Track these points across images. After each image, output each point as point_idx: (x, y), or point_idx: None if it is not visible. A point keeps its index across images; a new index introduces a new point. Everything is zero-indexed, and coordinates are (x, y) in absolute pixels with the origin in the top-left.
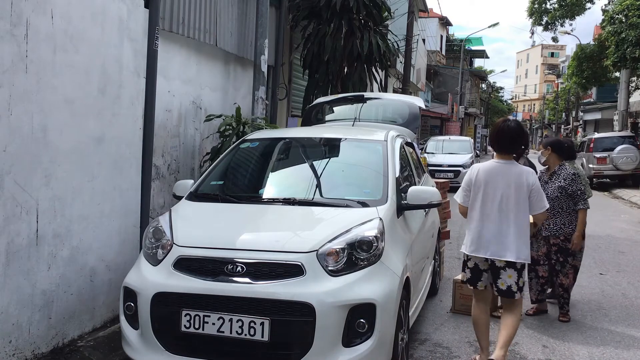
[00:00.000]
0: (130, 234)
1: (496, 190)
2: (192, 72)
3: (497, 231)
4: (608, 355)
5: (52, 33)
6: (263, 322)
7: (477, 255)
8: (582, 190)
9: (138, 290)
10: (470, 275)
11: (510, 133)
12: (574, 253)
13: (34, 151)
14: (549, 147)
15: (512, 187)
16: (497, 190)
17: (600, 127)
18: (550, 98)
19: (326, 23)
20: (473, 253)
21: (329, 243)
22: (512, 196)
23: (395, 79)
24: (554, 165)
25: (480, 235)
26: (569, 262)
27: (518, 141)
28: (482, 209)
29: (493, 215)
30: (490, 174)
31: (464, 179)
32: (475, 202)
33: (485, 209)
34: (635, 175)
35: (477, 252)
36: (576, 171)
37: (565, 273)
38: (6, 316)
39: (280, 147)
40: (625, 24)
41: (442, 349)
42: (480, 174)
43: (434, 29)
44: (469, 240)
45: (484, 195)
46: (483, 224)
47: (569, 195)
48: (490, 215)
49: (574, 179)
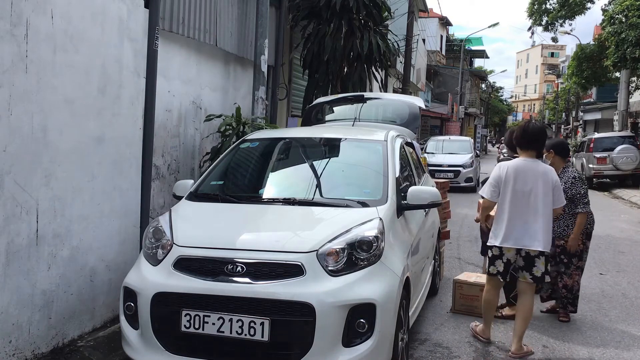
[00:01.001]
0: (130, 234)
1: (525, 185)
2: (192, 72)
3: (527, 223)
4: (608, 355)
5: (52, 33)
6: (263, 322)
7: (509, 247)
8: (582, 194)
9: (138, 290)
10: (503, 269)
11: (535, 132)
12: (580, 254)
13: (34, 151)
14: (551, 150)
15: (540, 183)
16: (527, 185)
17: (600, 127)
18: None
19: (326, 23)
20: (504, 244)
21: (329, 243)
22: (540, 191)
23: (395, 79)
24: (559, 167)
25: (512, 228)
26: (573, 264)
27: (541, 140)
28: (513, 203)
29: (523, 209)
30: (519, 171)
31: (492, 175)
32: (505, 197)
33: (515, 203)
34: (635, 175)
35: (508, 243)
36: (577, 174)
37: (569, 274)
38: (6, 316)
39: (280, 147)
40: (625, 24)
41: (442, 349)
42: (509, 170)
43: (434, 29)
44: (501, 233)
45: (513, 191)
46: (514, 217)
47: (569, 198)
48: (521, 209)
49: (574, 182)
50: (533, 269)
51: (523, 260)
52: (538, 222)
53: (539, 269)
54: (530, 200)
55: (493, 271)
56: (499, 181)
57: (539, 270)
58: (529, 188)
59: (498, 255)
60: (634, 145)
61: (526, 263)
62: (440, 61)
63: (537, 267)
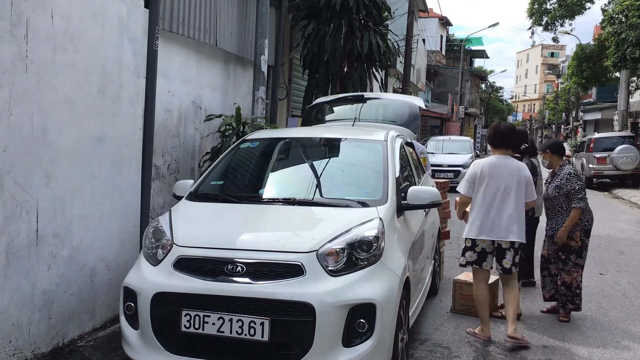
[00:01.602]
0: (130, 234)
1: (499, 181)
2: (192, 72)
3: (501, 217)
4: (608, 355)
5: (52, 33)
6: (263, 322)
7: (484, 239)
8: (577, 189)
9: (138, 290)
10: (477, 257)
11: (505, 131)
12: (578, 251)
13: (34, 151)
14: (547, 151)
15: (514, 178)
16: (500, 181)
17: (600, 127)
18: (550, 98)
19: (326, 23)
20: (479, 236)
21: (329, 243)
22: (513, 186)
23: (395, 79)
24: (556, 165)
25: (486, 220)
26: (571, 260)
27: (510, 138)
28: (488, 198)
29: (497, 202)
30: (494, 167)
31: (468, 172)
32: (479, 192)
33: (490, 197)
34: (635, 175)
35: (483, 235)
36: (572, 170)
37: (567, 270)
38: (6, 316)
39: (280, 147)
40: (625, 24)
41: (442, 349)
42: (484, 167)
43: (434, 29)
44: (475, 225)
45: (487, 186)
46: (489, 210)
47: (565, 194)
48: (495, 203)
49: (569, 178)
50: (503, 261)
51: (496, 251)
52: (512, 215)
53: (509, 260)
54: (503, 195)
55: (462, 262)
56: (475, 177)
57: (508, 262)
58: (503, 183)
59: (470, 247)
60: (634, 145)
61: (498, 254)
62: (440, 61)
63: (507, 259)
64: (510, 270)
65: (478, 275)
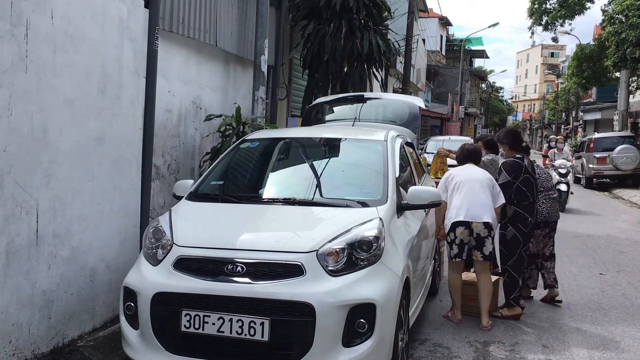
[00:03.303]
0: (130, 234)
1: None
2: (192, 72)
3: (475, 201)
4: (608, 355)
5: (52, 33)
6: (263, 322)
7: (462, 229)
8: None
9: (138, 290)
10: (458, 250)
11: (470, 151)
12: None
13: (34, 151)
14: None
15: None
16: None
17: (600, 127)
18: (550, 98)
19: (326, 23)
20: (457, 218)
21: (329, 243)
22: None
23: (395, 79)
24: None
25: (461, 206)
26: None
27: (475, 156)
28: (461, 191)
29: (470, 193)
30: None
31: (441, 182)
32: (454, 191)
33: (463, 190)
34: (635, 175)
35: (461, 217)
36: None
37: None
38: (6, 316)
39: (280, 147)
40: (626, 24)
41: (442, 349)
42: (454, 174)
43: (434, 29)
44: (453, 213)
45: (460, 185)
46: (462, 200)
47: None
48: (469, 194)
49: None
50: (483, 248)
51: (475, 240)
52: (484, 202)
53: (488, 248)
54: (475, 189)
55: (452, 255)
56: (447, 184)
57: (487, 249)
58: (472, 184)
59: (453, 239)
60: (634, 145)
61: (477, 243)
62: (440, 61)
63: (486, 247)
64: (490, 257)
65: (454, 266)
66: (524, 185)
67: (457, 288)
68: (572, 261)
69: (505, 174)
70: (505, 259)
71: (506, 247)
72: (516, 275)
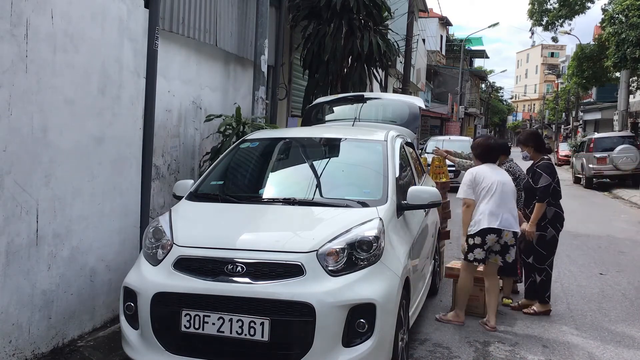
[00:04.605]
0: (130, 234)
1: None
2: (192, 72)
3: (507, 210)
4: (608, 355)
5: (52, 33)
6: (263, 322)
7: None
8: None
9: (138, 290)
10: (483, 256)
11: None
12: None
13: (34, 151)
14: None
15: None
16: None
17: (600, 127)
18: (550, 98)
19: (326, 23)
20: (490, 225)
21: (329, 243)
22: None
23: (395, 79)
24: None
25: (494, 213)
26: None
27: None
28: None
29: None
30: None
31: (465, 179)
32: (482, 193)
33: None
34: (635, 175)
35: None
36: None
37: None
38: (6, 316)
39: (280, 147)
40: (626, 24)
41: (442, 349)
42: (479, 173)
43: (434, 29)
44: (485, 219)
45: (489, 189)
46: (497, 207)
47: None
48: (500, 201)
49: None
50: (506, 255)
51: (501, 247)
52: (513, 209)
53: (511, 256)
54: (507, 195)
55: (471, 258)
56: (472, 183)
57: (510, 257)
58: (504, 188)
59: (479, 244)
60: (634, 145)
61: (502, 249)
62: (440, 61)
63: (510, 254)
64: (510, 264)
65: (468, 268)
66: (558, 185)
67: (468, 291)
68: (572, 261)
69: (546, 176)
70: (543, 259)
71: (545, 248)
72: (551, 274)
